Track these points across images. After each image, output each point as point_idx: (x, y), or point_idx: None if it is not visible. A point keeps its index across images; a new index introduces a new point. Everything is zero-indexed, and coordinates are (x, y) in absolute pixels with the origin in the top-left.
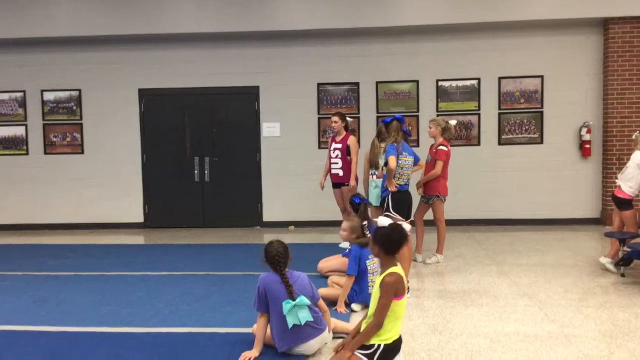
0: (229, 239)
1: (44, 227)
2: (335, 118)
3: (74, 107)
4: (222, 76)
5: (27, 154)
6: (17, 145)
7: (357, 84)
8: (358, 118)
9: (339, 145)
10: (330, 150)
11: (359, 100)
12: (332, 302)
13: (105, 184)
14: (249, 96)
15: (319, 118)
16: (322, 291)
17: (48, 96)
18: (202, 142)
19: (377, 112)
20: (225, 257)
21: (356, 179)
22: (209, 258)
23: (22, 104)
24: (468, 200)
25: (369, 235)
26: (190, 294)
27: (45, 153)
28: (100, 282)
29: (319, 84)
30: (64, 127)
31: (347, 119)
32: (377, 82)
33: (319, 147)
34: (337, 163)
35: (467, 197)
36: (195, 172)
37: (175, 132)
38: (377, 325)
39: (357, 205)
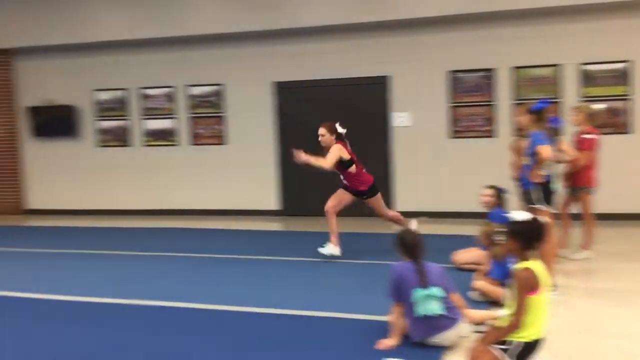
0: (359, 228)
1: (189, 213)
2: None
3: (216, 101)
4: (353, 67)
5: (177, 144)
6: (166, 137)
7: (491, 70)
8: (492, 105)
9: None
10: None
11: (494, 87)
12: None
13: (244, 174)
14: (379, 86)
15: (450, 107)
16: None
17: (194, 91)
18: None
19: (514, 100)
20: (357, 245)
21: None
22: (342, 246)
23: (172, 98)
24: (619, 191)
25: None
26: (323, 281)
27: (193, 144)
28: (243, 265)
29: (450, 71)
30: (208, 120)
31: None
32: (514, 68)
33: (450, 137)
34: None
35: (619, 188)
36: None
37: (307, 122)
38: (515, 324)
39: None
